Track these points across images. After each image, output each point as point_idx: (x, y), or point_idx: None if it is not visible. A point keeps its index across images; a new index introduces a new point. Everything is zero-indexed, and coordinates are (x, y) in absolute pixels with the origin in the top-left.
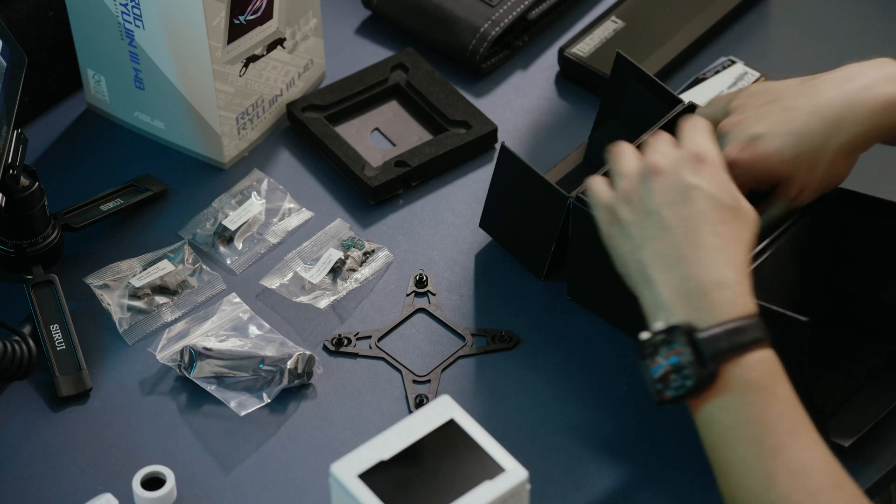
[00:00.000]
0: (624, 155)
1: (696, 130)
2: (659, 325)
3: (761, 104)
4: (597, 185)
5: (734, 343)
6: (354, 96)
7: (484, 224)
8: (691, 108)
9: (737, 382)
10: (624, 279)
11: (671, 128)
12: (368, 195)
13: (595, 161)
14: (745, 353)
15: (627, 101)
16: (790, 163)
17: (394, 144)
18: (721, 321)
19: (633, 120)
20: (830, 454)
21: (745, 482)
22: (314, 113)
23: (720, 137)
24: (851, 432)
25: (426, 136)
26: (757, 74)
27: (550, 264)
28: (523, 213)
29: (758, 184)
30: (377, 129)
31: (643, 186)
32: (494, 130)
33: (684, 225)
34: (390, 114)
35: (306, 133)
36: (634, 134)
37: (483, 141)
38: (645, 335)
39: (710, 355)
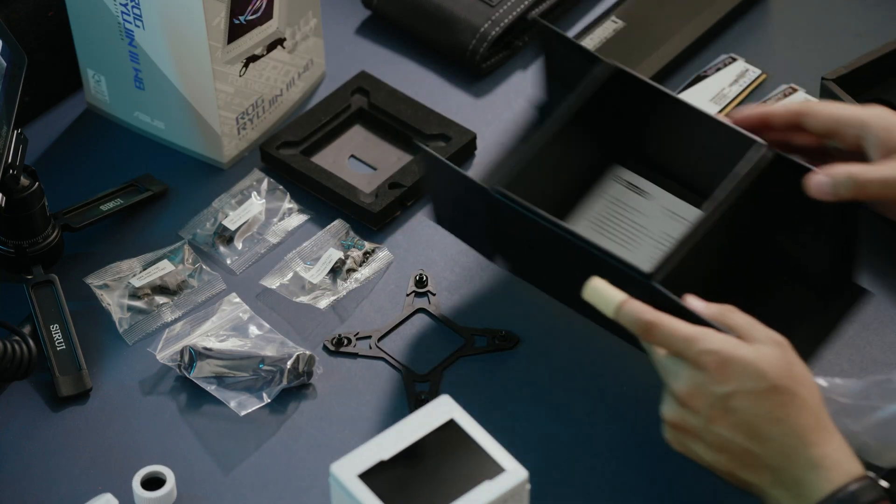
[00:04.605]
0: (672, 387)
1: (706, 335)
2: None
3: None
4: (668, 414)
5: None
6: (324, 126)
7: (440, 221)
8: (617, 70)
9: None
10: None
11: (603, 94)
12: (369, 222)
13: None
14: None
15: (559, 64)
16: None
17: (374, 168)
18: (828, 494)
19: (569, 80)
20: None
21: None
22: (289, 150)
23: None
24: None
25: (404, 156)
26: (758, 72)
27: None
28: (459, 210)
29: None
30: (353, 155)
31: (685, 414)
32: (474, 138)
33: (742, 429)
34: (360, 139)
35: (286, 170)
36: (570, 90)
37: (465, 149)
38: None
39: None
